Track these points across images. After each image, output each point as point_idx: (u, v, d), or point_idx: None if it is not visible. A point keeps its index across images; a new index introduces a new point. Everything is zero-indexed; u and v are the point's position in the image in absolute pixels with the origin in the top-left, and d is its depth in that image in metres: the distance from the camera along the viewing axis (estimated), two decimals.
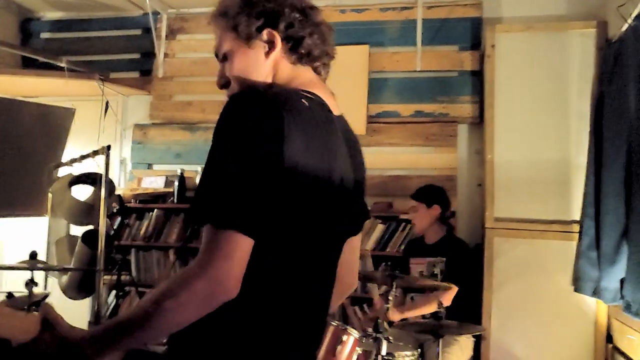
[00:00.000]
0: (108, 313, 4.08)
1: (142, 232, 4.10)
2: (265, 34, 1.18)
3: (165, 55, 4.48)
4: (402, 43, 4.07)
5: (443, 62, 3.99)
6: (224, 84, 1.23)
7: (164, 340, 1.11)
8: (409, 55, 4.01)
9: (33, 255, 2.54)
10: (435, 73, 4.00)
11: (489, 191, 3.54)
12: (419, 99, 3.96)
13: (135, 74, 4.57)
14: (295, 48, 1.20)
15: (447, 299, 2.96)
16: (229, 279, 0.97)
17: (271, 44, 1.19)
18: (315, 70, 1.25)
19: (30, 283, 2.45)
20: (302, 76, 1.22)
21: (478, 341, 3.30)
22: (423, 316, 3.06)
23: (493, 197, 3.53)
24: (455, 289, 2.95)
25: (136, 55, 4.59)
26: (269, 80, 1.20)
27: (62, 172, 3.66)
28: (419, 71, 3.99)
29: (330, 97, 1.24)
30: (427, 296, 3.10)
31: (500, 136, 3.57)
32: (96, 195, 3.10)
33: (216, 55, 1.25)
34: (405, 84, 4.03)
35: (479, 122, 3.86)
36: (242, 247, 0.98)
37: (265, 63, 1.19)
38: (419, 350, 2.79)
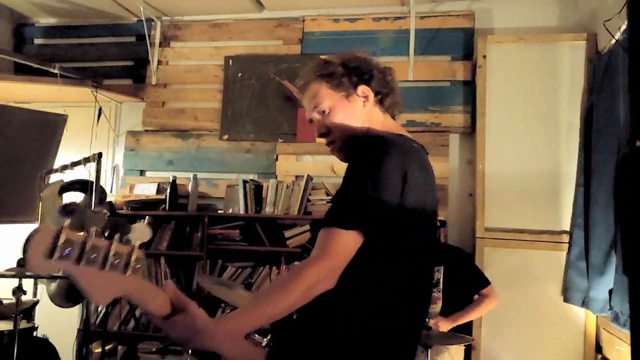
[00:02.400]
0: (98, 321, 4.06)
1: None
2: (360, 90, 1.49)
3: (159, 62, 4.49)
4: (395, 53, 4.09)
5: (435, 72, 4.01)
6: (324, 132, 1.50)
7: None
8: (401, 64, 4.04)
9: (21, 263, 2.53)
10: (427, 83, 4.02)
11: (479, 201, 3.56)
12: (411, 109, 3.97)
13: (128, 81, 4.58)
14: (382, 100, 1.51)
15: (495, 298, 3.07)
16: (336, 270, 1.22)
17: (366, 98, 1.49)
18: (393, 117, 1.56)
19: (18, 291, 2.44)
20: (390, 122, 1.54)
21: (468, 350, 3.30)
22: None
23: (484, 207, 3.55)
24: (490, 288, 3.10)
25: (130, 62, 4.60)
26: (366, 126, 1.47)
27: (54, 178, 3.66)
28: (412, 81, 4.01)
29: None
30: (474, 304, 3.12)
31: (492, 146, 3.59)
32: (86, 202, 3.09)
33: (315, 110, 1.50)
34: None
35: (470, 132, 3.88)
36: (350, 249, 1.24)
37: (362, 113, 1.49)
38: None
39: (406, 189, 1.30)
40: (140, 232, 1.08)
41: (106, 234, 1.01)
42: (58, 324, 3.68)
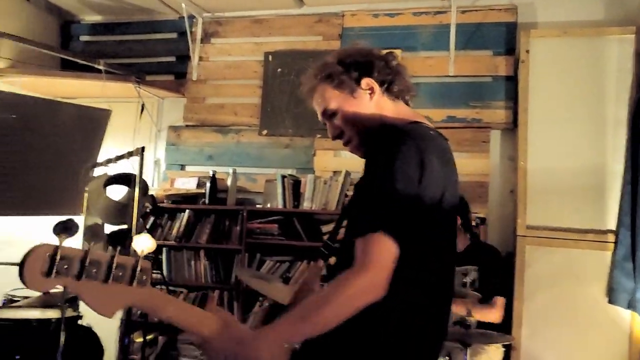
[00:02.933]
0: (139, 311, 4.16)
1: (173, 232, 4.16)
2: (364, 83, 1.44)
3: (200, 58, 4.55)
4: (435, 48, 4.05)
5: (477, 67, 3.95)
6: (338, 134, 1.47)
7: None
8: (441, 59, 3.99)
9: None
10: (468, 78, 3.96)
11: (521, 198, 3.49)
12: (451, 104, 3.93)
13: (170, 77, 4.66)
14: (389, 88, 1.46)
15: (500, 312, 3.00)
16: (383, 280, 1.18)
17: (371, 90, 1.44)
18: (406, 104, 1.51)
19: None
20: (403, 109, 1.48)
21: (508, 351, 3.25)
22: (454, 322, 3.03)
23: (525, 204, 3.48)
24: (502, 301, 2.99)
25: (171, 59, 4.68)
26: (379, 121, 1.42)
27: (98, 172, 3.75)
28: (452, 76, 3.96)
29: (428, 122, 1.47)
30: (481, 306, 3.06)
31: (534, 142, 3.51)
32: (130, 195, 3.16)
33: (324, 114, 1.47)
34: (438, 89, 4.00)
35: (512, 127, 3.81)
36: (392, 254, 1.20)
37: (371, 106, 1.44)
38: (447, 358, 2.76)
39: (424, 181, 1.26)
40: (144, 243, 1.09)
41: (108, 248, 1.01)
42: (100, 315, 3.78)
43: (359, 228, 1.24)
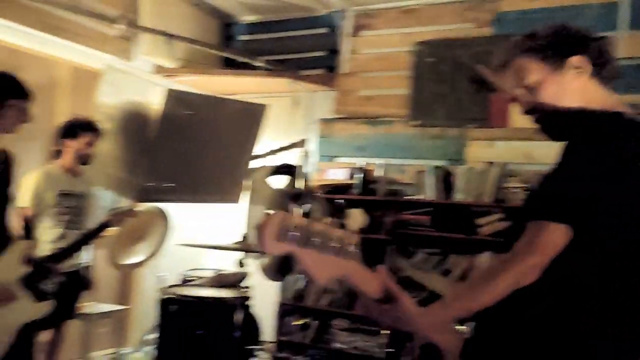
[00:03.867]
0: (295, 296, 4.36)
1: None
2: (575, 60, 1.32)
3: (350, 51, 4.64)
4: (602, 28, 3.74)
5: None
6: (530, 109, 1.38)
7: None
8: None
9: (245, 238, 2.80)
10: None
11: None
12: (623, 90, 3.61)
13: (321, 71, 4.80)
14: (599, 72, 1.34)
15: None
16: (541, 267, 1.17)
17: (580, 69, 1.32)
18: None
19: (241, 262, 2.71)
20: (609, 98, 1.36)
21: None
22: None
23: None
24: None
25: (323, 53, 4.82)
26: (580, 103, 1.32)
27: (256, 163, 3.98)
28: (624, 58, 3.64)
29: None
30: None
31: None
32: (291, 185, 3.32)
33: (519, 87, 1.38)
34: None
35: None
36: (558, 246, 1.18)
37: (575, 87, 1.33)
38: None
39: (620, 180, 1.19)
40: (357, 218, 1.13)
41: (327, 220, 1.06)
42: (259, 296, 4.03)
43: (532, 211, 1.23)
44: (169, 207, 3.96)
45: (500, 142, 4.03)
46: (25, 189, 3.22)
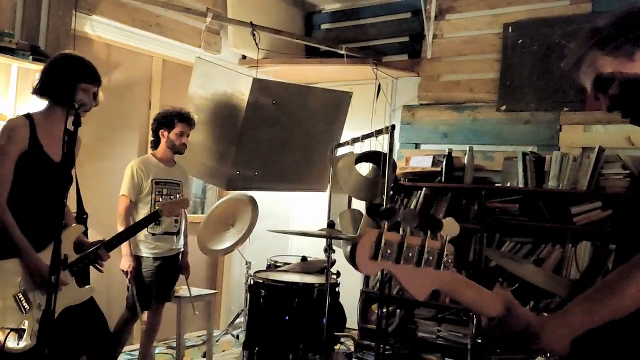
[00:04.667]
0: (378, 285, 4.36)
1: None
2: None
3: (434, 36, 4.54)
4: None
5: None
6: (614, 105, 1.31)
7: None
8: None
9: (331, 225, 2.83)
10: None
11: None
12: None
13: (404, 57, 4.73)
14: None
15: None
16: None
17: None
18: None
19: (329, 249, 2.74)
20: None
21: None
22: None
23: None
24: None
25: (405, 39, 4.74)
26: None
27: (342, 151, 4.00)
28: None
29: None
30: None
31: None
32: (377, 172, 3.31)
33: (596, 84, 1.31)
34: None
35: None
36: None
37: None
38: None
39: None
40: (450, 227, 1.09)
41: (420, 233, 1.03)
42: (344, 284, 4.06)
43: None
44: (257, 195, 4.07)
45: (597, 125, 3.81)
46: (125, 177, 3.41)
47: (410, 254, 1.00)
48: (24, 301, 2.16)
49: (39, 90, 2.35)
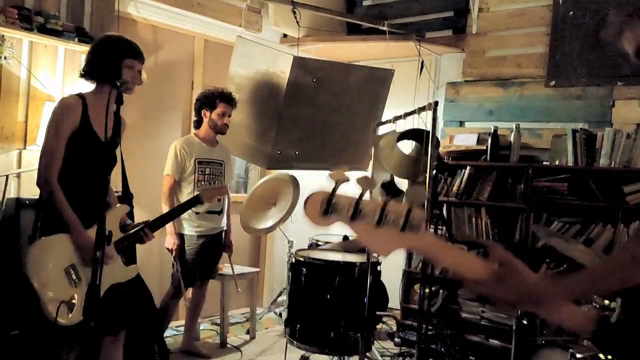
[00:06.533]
0: (420, 265, 4.31)
1: (454, 188, 4.17)
2: None
3: (480, 10, 4.39)
4: None
5: None
6: None
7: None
8: None
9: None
10: None
11: None
12: None
13: (448, 32, 4.61)
14: None
15: None
16: None
17: None
18: None
19: None
20: None
21: None
22: None
23: None
24: None
25: (449, 13, 4.60)
26: None
27: (384, 129, 3.94)
28: None
29: None
30: None
31: None
32: (419, 150, 3.25)
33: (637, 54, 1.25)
34: None
35: None
36: None
37: None
38: None
39: None
40: (415, 194, 1.10)
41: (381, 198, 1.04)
42: (386, 263, 4.03)
43: None
44: (298, 174, 4.07)
45: None
46: (169, 157, 3.46)
47: (367, 214, 1.03)
48: (73, 275, 2.23)
49: (87, 73, 2.39)
